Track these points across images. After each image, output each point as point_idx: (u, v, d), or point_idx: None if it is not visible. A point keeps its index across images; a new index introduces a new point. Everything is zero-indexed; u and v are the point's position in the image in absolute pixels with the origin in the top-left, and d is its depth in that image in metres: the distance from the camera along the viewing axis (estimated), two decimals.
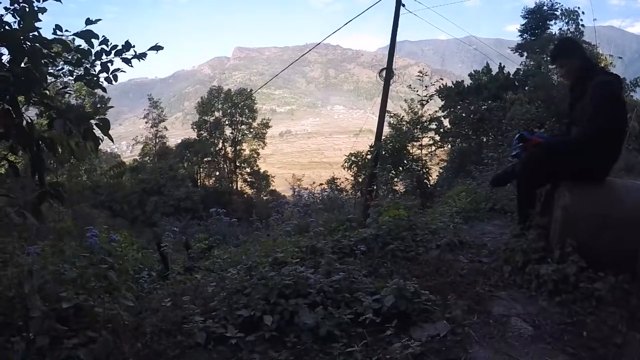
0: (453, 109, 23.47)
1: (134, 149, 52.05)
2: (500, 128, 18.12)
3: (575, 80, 3.48)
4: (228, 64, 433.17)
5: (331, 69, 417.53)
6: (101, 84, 2.59)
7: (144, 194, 36.14)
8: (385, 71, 14.18)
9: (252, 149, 50.64)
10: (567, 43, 3.67)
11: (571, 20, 20.08)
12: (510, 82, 21.38)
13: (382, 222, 4.25)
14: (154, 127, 47.87)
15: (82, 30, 2.43)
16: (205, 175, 48.07)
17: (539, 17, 21.80)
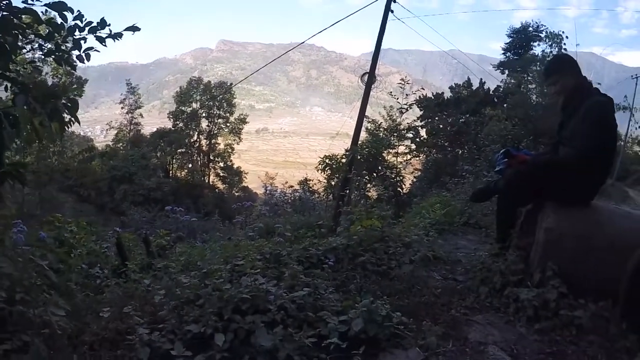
0: (431, 119, 23.66)
1: (108, 134, 51.03)
2: (476, 142, 18.25)
3: (568, 99, 3.32)
4: (211, 55, 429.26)
5: (313, 70, 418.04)
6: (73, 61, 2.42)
7: (114, 181, 35.36)
8: (368, 75, 14.01)
9: (227, 143, 50.20)
10: (563, 59, 3.50)
11: (555, 44, 20.41)
12: (490, 98, 21.65)
13: (354, 231, 4.01)
14: (130, 113, 46.90)
15: (54, 1, 2.20)
16: (177, 166, 47.44)
17: (523, 37, 22.22)
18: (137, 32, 2.53)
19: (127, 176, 35.49)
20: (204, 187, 45.84)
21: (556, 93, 3.40)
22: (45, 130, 2.28)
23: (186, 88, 49.05)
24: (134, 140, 44.24)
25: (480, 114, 19.94)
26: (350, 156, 11.50)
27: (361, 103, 13.75)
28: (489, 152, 14.14)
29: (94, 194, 34.73)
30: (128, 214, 29.95)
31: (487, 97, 22.15)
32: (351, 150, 11.93)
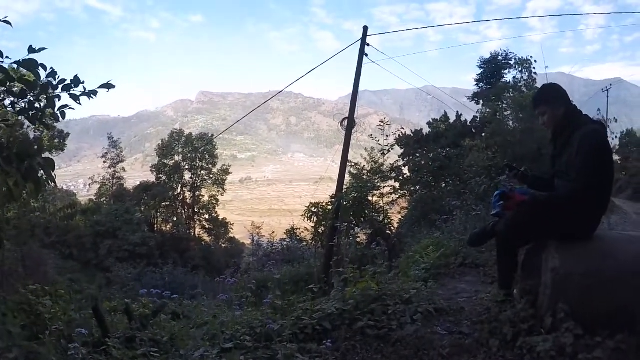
0: (412, 156, 23.77)
1: (91, 188, 50.49)
2: (460, 174, 18.29)
3: (559, 129, 3.20)
4: (191, 107, 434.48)
5: (293, 117, 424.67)
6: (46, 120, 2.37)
7: (98, 236, 34.61)
8: (347, 121, 14.14)
9: (212, 195, 50.11)
10: (550, 89, 3.38)
11: (524, 69, 21.00)
12: (468, 130, 21.93)
13: (349, 294, 3.73)
14: (112, 167, 46.79)
15: (24, 59, 2.18)
16: (162, 220, 46.91)
17: (494, 66, 22.73)
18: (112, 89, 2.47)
19: (111, 231, 34.83)
20: (190, 241, 45.19)
21: (545, 124, 3.29)
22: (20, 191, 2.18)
23: (168, 141, 49.28)
24: (117, 195, 43.84)
25: (460, 146, 20.11)
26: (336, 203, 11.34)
27: (343, 148, 13.82)
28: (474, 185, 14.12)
29: (77, 250, 33.84)
30: (113, 270, 29.23)
31: (465, 128, 22.45)
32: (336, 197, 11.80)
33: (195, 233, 48.60)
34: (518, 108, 18.14)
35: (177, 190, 47.92)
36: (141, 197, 43.51)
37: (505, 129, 18.03)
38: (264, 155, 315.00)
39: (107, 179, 46.94)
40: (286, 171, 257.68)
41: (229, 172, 52.55)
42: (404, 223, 18.85)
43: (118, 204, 39.87)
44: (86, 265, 33.06)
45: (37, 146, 2.19)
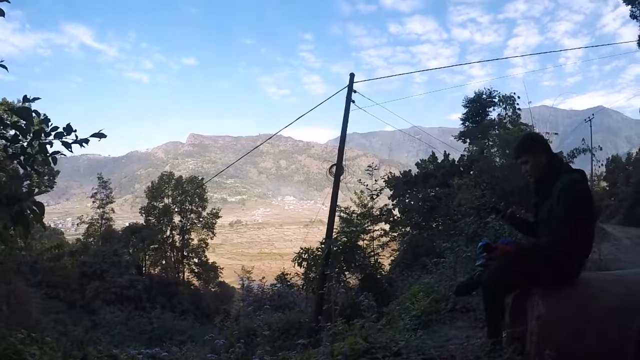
0: (402, 197, 23.84)
1: (79, 227, 49.72)
2: (450, 214, 18.35)
3: (540, 178, 3.31)
4: (182, 149, 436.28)
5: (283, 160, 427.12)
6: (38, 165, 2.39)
7: (85, 277, 33.84)
8: (335, 167, 14.30)
9: (201, 238, 49.63)
10: (531, 139, 3.52)
11: (508, 105, 21.40)
12: (456, 168, 22.14)
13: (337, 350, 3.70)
14: (101, 207, 46.18)
15: (19, 107, 2.28)
16: (151, 263, 46.16)
17: (478, 105, 23.11)
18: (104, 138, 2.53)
19: (99, 273, 34.11)
20: (179, 284, 44.34)
21: (527, 173, 3.40)
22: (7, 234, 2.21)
23: (158, 183, 49.07)
24: (106, 236, 43.10)
25: (449, 185, 20.24)
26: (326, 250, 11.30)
27: (332, 195, 13.91)
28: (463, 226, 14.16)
29: (63, 291, 33.00)
30: (100, 312, 28.51)
31: (453, 167, 22.63)
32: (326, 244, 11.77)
33: (184, 277, 47.77)
34: (504, 144, 18.43)
35: (166, 233, 47.35)
36: (130, 239, 42.84)
37: (493, 165, 18.24)
38: (254, 199, 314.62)
39: (96, 219, 46.27)
40: (276, 214, 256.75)
41: (219, 215, 52.28)
42: (395, 266, 18.73)
43: (106, 245, 39.31)
44: (72, 306, 32.24)
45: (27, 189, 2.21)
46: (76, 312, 30.91)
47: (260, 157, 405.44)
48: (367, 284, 11.77)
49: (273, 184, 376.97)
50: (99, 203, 46.17)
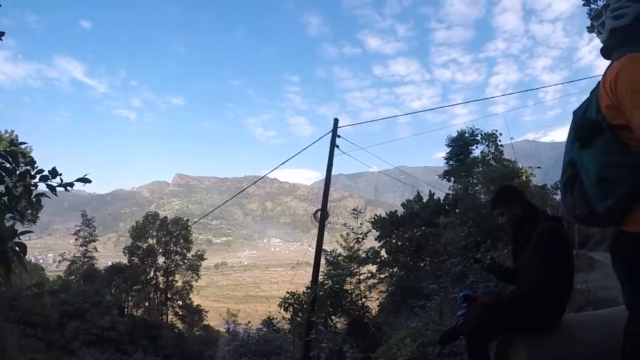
0: (389, 238, 23.87)
1: (60, 264, 48.49)
2: (437, 252, 18.35)
3: (517, 229, 3.40)
4: (167, 189, 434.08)
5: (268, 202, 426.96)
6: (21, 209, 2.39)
7: (65, 316, 32.61)
8: (320, 212, 14.44)
9: (186, 280, 48.67)
10: (506, 190, 3.65)
11: (491, 143, 21.79)
12: (442, 207, 22.30)
13: None
14: (84, 245, 45.22)
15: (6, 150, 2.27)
16: (133, 304, 44.60)
17: (461, 144, 23.41)
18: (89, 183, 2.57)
19: (79, 313, 32.91)
20: (162, 327, 42.97)
21: (504, 224, 3.50)
22: None
23: (142, 223, 48.40)
24: (88, 275, 41.79)
25: (435, 224, 20.30)
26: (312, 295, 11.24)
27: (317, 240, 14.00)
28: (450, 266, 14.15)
29: (42, 330, 31.75)
30: (79, 354, 27.54)
31: (439, 206, 22.76)
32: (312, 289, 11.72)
33: (167, 319, 46.42)
34: (488, 181, 18.69)
35: (150, 274, 46.25)
36: (112, 279, 41.66)
37: (478, 202, 18.42)
38: (239, 240, 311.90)
39: (78, 257, 45.28)
40: (262, 256, 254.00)
41: (204, 257, 51.55)
42: (382, 308, 18.54)
43: (88, 284, 38.05)
44: (50, 345, 30.89)
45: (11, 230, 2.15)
46: (55, 352, 29.70)
47: (246, 198, 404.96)
48: (355, 329, 11.60)
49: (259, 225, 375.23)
50: (82, 241, 45.36)
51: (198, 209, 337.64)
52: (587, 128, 1.91)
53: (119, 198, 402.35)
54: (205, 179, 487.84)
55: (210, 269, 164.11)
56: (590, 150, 1.88)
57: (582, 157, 1.93)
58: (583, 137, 1.94)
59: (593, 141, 1.87)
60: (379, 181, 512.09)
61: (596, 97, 1.91)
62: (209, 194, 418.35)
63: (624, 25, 2.01)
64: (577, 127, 2.00)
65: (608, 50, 2.08)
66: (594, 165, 1.86)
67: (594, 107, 1.91)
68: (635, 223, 1.78)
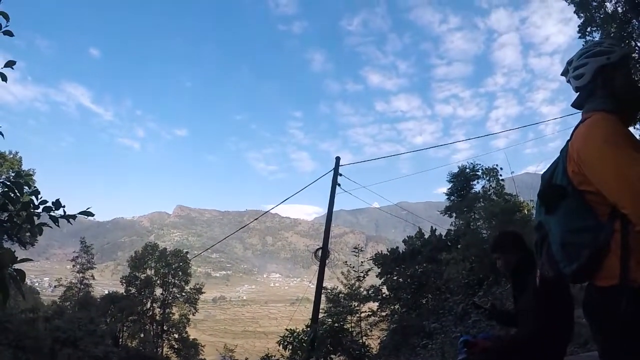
0: (390, 275, 23.64)
1: (56, 289, 47.81)
2: (439, 289, 18.14)
3: (514, 274, 3.43)
4: (168, 220, 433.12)
5: (269, 236, 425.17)
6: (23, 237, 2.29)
7: (57, 343, 31.83)
8: (321, 251, 14.41)
9: (183, 313, 47.82)
10: (504, 238, 3.65)
11: (492, 177, 21.87)
12: (443, 243, 22.16)
13: None
14: (81, 272, 44.79)
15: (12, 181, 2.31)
16: (128, 335, 43.61)
17: (462, 179, 23.45)
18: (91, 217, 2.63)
19: (72, 340, 32.04)
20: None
21: (500, 268, 3.52)
22: None
23: (141, 253, 47.98)
24: (83, 302, 41.14)
25: (437, 260, 20.14)
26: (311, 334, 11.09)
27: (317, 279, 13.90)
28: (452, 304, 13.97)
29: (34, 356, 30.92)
30: None
31: (441, 242, 22.60)
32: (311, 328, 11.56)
33: (162, 352, 45.27)
34: (490, 216, 18.65)
35: (146, 305, 45.47)
36: (108, 308, 40.94)
37: (480, 238, 18.33)
38: (239, 275, 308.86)
39: (74, 284, 44.81)
40: (261, 291, 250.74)
41: (202, 290, 50.91)
42: (383, 347, 18.18)
43: (83, 311, 37.46)
44: None
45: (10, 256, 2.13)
46: None
47: (247, 232, 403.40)
48: None
49: (259, 260, 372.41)
50: (79, 267, 45.05)
51: (198, 242, 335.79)
52: (552, 194, 1.94)
53: (118, 226, 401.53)
54: (206, 212, 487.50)
55: (208, 303, 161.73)
56: (556, 216, 1.91)
57: (549, 221, 1.96)
58: (548, 203, 1.97)
59: (558, 206, 1.90)
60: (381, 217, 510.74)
61: (563, 160, 1.93)
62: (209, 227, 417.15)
63: (584, 84, 2.04)
64: (543, 193, 2.03)
65: (579, 104, 2.11)
66: (559, 231, 1.89)
67: (561, 170, 1.93)
68: (603, 278, 1.78)
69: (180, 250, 53.74)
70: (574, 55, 2.13)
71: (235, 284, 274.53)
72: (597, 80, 1.99)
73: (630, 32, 16.67)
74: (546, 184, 2.02)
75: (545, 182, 2.03)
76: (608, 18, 17.12)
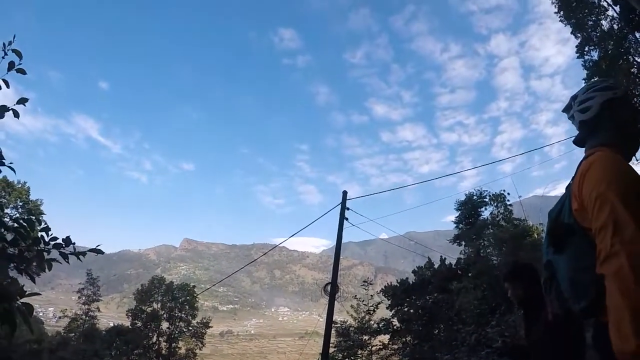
0: (400, 306, 23.35)
1: (61, 320, 47.50)
2: (450, 319, 17.81)
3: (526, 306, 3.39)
4: (175, 253, 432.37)
5: (277, 270, 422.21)
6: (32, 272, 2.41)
7: None
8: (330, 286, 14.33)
9: (189, 348, 47.07)
10: (514, 270, 3.59)
11: (499, 203, 21.78)
12: (454, 272, 21.93)
13: None
14: (87, 304, 44.53)
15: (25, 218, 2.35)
16: None
17: (470, 206, 23.35)
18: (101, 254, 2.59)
19: None
20: None
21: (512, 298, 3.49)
22: None
23: (148, 287, 47.77)
24: (88, 334, 40.60)
25: (448, 290, 19.87)
26: None
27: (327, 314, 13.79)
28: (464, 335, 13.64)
29: None
30: None
31: (451, 272, 22.35)
32: None
33: None
34: (499, 243, 18.47)
35: (152, 339, 44.89)
36: (113, 341, 40.37)
37: (490, 265, 18.14)
38: (246, 308, 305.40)
39: (79, 315, 44.37)
40: (269, 325, 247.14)
41: (210, 325, 50.26)
42: None
43: (87, 343, 37.11)
44: None
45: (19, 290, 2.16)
46: None
47: (254, 266, 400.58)
48: None
49: (267, 293, 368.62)
50: (85, 299, 44.86)
51: (205, 275, 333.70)
52: (559, 234, 1.94)
53: (125, 259, 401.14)
54: (213, 245, 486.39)
55: (215, 337, 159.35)
56: (564, 254, 1.91)
57: (557, 260, 1.96)
58: (556, 242, 1.97)
59: (565, 245, 1.90)
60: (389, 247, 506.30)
61: (568, 198, 1.94)
62: (216, 260, 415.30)
63: (589, 118, 2.04)
64: (550, 232, 2.03)
65: (581, 140, 2.12)
66: (567, 269, 1.89)
67: (567, 207, 1.93)
68: None
69: (187, 284, 53.36)
70: (578, 91, 2.15)
71: (243, 318, 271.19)
72: (603, 114, 2.00)
73: (628, 47, 16.87)
74: (553, 223, 2.02)
75: (553, 220, 2.03)
76: (605, 36, 17.38)
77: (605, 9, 17.57)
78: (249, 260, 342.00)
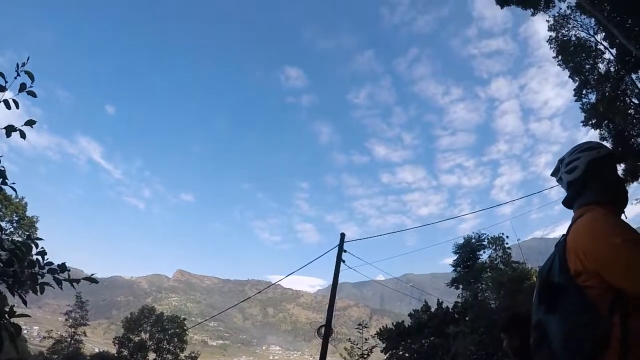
0: (396, 350, 22.89)
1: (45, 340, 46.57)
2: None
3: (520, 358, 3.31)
4: (167, 283, 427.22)
5: (270, 307, 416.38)
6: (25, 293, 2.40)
7: None
8: (324, 329, 14.16)
9: None
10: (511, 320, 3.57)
11: (498, 246, 21.59)
12: (451, 316, 21.61)
13: None
14: (73, 327, 43.90)
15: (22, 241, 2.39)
16: None
17: (468, 250, 23.27)
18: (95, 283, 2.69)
19: None
20: None
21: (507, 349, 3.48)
22: None
23: (137, 315, 47.22)
24: (72, 358, 39.99)
25: (445, 334, 19.48)
26: None
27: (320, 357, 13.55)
28: None
29: None
30: None
31: (448, 315, 22.02)
32: None
33: None
34: (497, 286, 18.24)
35: None
36: None
37: (488, 309, 17.86)
38: (237, 345, 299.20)
39: (64, 337, 43.73)
40: None
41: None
42: None
43: None
44: None
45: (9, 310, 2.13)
46: None
47: (247, 302, 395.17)
48: None
49: (258, 331, 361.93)
50: (71, 322, 44.32)
51: (196, 308, 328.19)
52: (551, 293, 1.93)
53: (116, 285, 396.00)
54: (207, 278, 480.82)
55: None
56: (556, 314, 1.89)
57: (549, 319, 1.94)
58: (547, 302, 1.96)
59: (557, 305, 1.89)
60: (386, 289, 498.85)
61: (559, 257, 1.92)
62: (209, 294, 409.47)
63: (577, 177, 2.09)
64: (541, 291, 2.02)
65: (570, 200, 2.15)
66: (561, 327, 1.86)
67: (557, 267, 1.91)
68: None
69: (178, 316, 52.48)
70: (564, 154, 2.21)
71: (233, 355, 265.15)
72: (588, 173, 2.07)
73: (625, 89, 17.11)
74: (544, 282, 2.02)
75: (543, 279, 2.03)
76: (602, 78, 17.69)
77: (602, 52, 18.04)
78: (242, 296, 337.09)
